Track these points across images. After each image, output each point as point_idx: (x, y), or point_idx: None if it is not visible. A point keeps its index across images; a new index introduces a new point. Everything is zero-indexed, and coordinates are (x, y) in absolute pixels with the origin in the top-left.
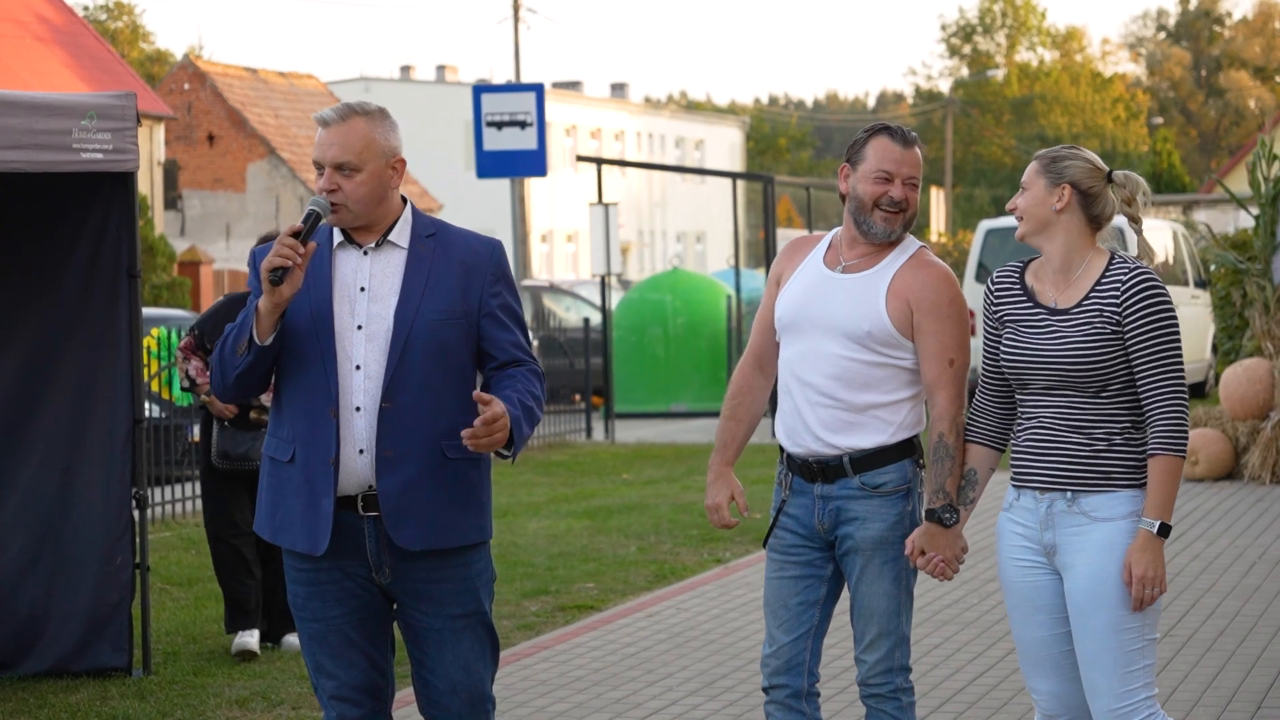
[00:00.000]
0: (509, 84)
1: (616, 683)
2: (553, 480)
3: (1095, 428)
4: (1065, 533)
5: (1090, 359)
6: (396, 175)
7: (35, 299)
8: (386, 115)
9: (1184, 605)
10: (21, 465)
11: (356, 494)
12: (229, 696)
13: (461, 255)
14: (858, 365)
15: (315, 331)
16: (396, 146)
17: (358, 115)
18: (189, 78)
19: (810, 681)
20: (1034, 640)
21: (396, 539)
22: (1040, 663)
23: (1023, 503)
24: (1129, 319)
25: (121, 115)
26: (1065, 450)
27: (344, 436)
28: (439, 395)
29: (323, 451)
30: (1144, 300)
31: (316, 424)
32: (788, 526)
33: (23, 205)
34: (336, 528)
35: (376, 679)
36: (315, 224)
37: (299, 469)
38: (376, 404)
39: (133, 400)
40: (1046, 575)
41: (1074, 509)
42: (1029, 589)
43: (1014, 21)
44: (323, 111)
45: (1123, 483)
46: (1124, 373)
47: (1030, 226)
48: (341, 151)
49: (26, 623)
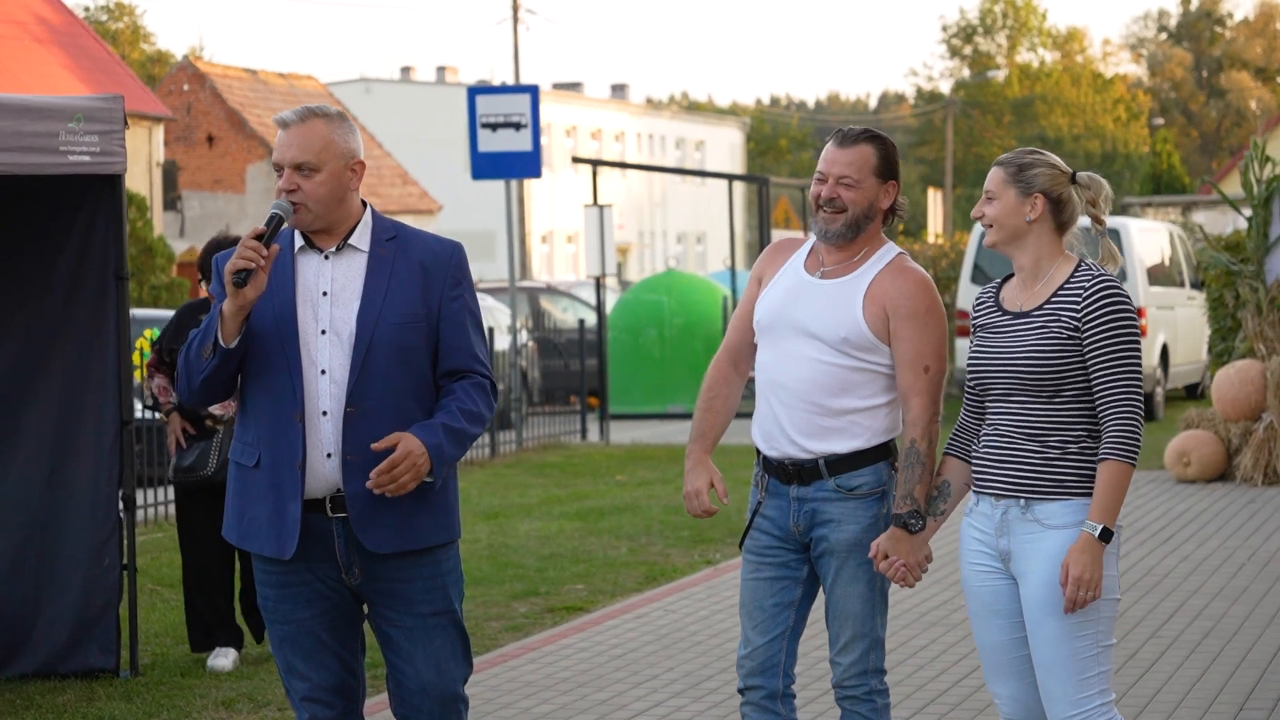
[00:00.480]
0: (503, 85)
1: (602, 684)
2: (546, 481)
3: (1049, 435)
4: (1019, 539)
5: (1043, 361)
6: (356, 177)
7: (23, 301)
8: (345, 118)
9: (1171, 606)
10: (8, 466)
11: (324, 496)
12: (215, 698)
13: (421, 257)
14: (834, 370)
15: (279, 336)
16: (355, 149)
17: (317, 117)
18: (188, 79)
19: (786, 683)
20: (993, 645)
21: (365, 542)
22: (1000, 667)
23: (981, 508)
24: (1088, 325)
25: (109, 118)
26: (1020, 457)
27: (310, 441)
28: (402, 399)
29: (289, 456)
30: (1104, 307)
31: (282, 428)
32: (763, 528)
33: (11, 207)
34: (305, 530)
35: (348, 680)
36: (278, 227)
37: (265, 474)
38: (342, 408)
39: (120, 402)
40: (1003, 580)
41: (1027, 516)
42: (987, 594)
43: (1015, 22)
44: (282, 114)
45: (1076, 491)
46: (1079, 379)
47: (1002, 236)
48: (300, 152)
49: (13, 624)
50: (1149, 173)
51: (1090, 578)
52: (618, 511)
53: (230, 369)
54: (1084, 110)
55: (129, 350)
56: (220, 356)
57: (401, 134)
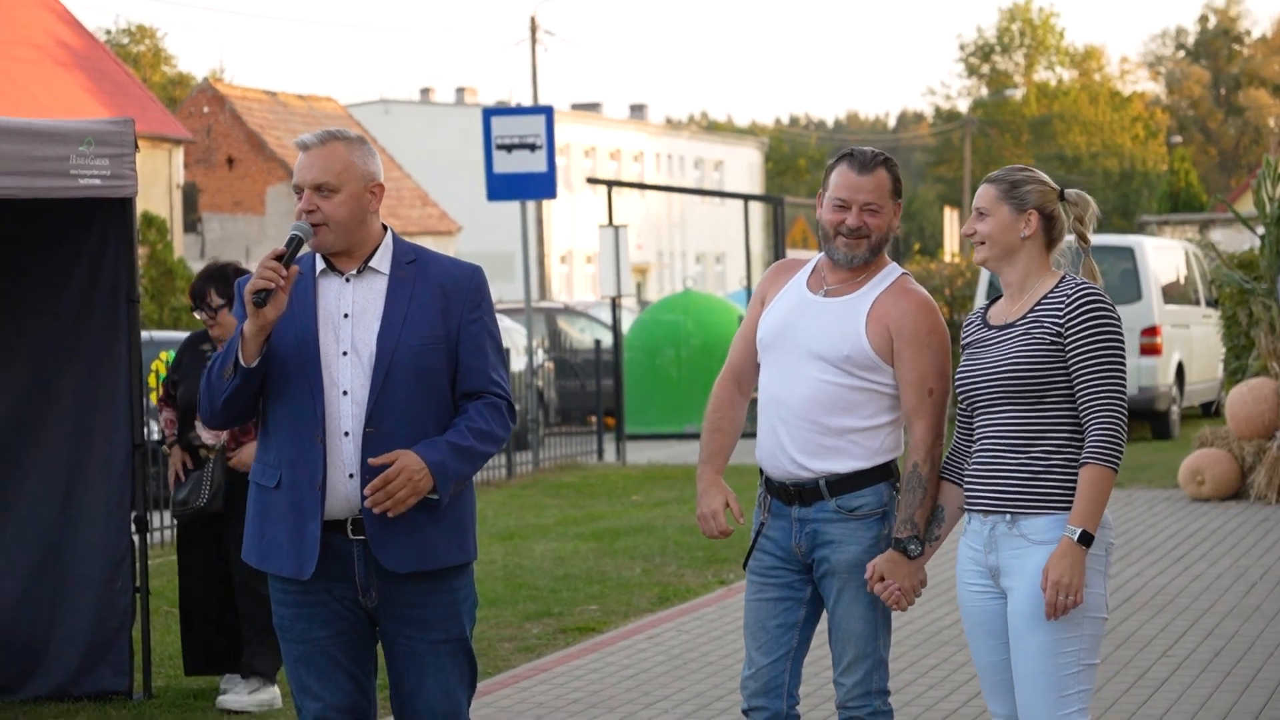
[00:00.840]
0: (518, 107)
1: (613, 704)
2: (562, 502)
3: (1033, 444)
4: (1007, 555)
5: (1025, 367)
6: (375, 199)
7: (34, 324)
8: (365, 142)
9: (1183, 625)
10: (22, 488)
11: (345, 518)
12: (229, 711)
13: (441, 280)
14: (836, 389)
15: (301, 357)
16: (375, 171)
17: (337, 140)
18: (208, 101)
19: (790, 704)
20: (989, 664)
21: (383, 561)
22: (997, 686)
23: (972, 526)
24: (1070, 330)
25: (120, 141)
26: (1006, 472)
27: (331, 461)
28: (421, 420)
29: (310, 476)
30: (1087, 314)
31: (303, 448)
32: (766, 549)
33: (22, 230)
34: (324, 550)
35: (360, 700)
36: (298, 248)
37: (285, 494)
38: (363, 428)
39: (132, 424)
40: (995, 599)
41: (1014, 531)
42: (980, 614)
43: (1032, 41)
44: (302, 136)
45: (1061, 505)
46: (1062, 385)
47: (995, 252)
48: (321, 173)
49: (27, 647)
50: (1167, 191)
51: (1070, 582)
52: (633, 532)
53: (252, 389)
54: (1102, 128)
55: (140, 373)
56: (241, 376)
57: (421, 155)
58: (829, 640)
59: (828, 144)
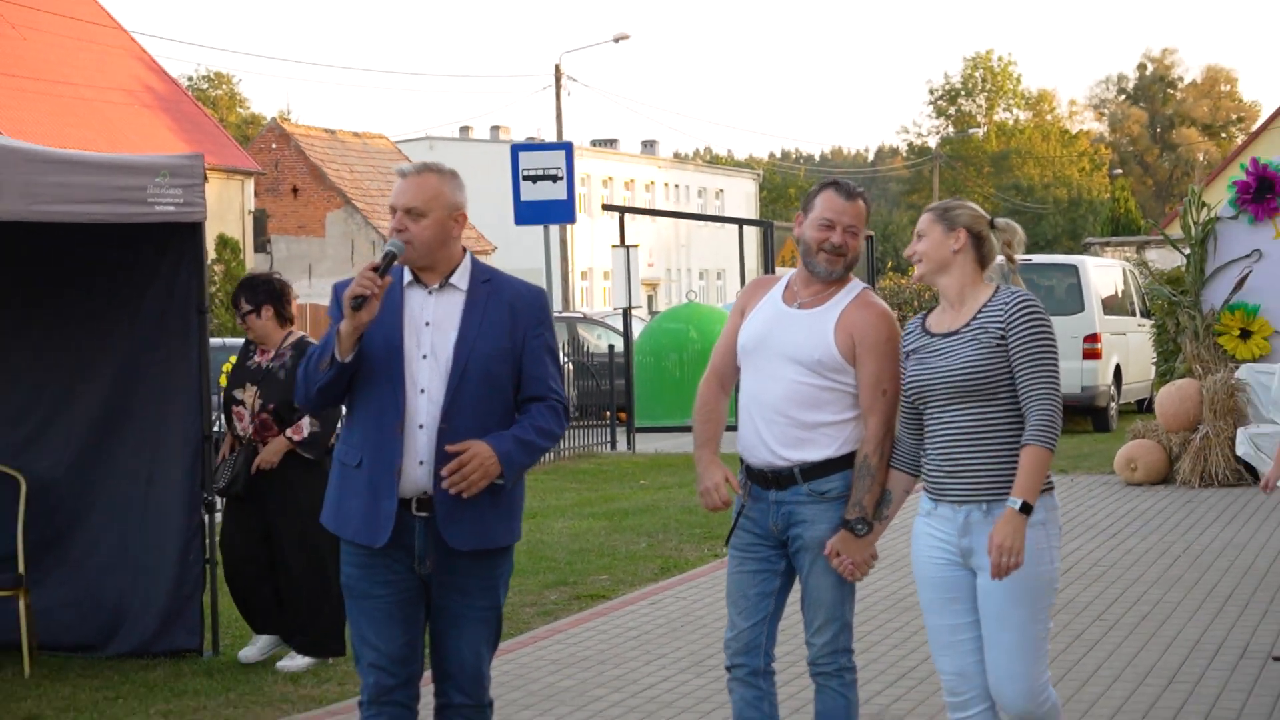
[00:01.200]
0: (543, 143)
1: (618, 661)
2: (580, 486)
3: (991, 439)
4: (981, 538)
5: (976, 369)
6: (458, 226)
7: (119, 331)
8: (457, 176)
9: (1114, 593)
10: (110, 473)
11: (412, 498)
12: (285, 674)
13: (511, 299)
14: (808, 388)
15: (387, 358)
16: (460, 202)
17: (431, 172)
18: (275, 138)
19: (766, 661)
20: (946, 627)
21: (448, 539)
22: (949, 646)
23: (940, 512)
24: (1012, 332)
25: (191, 173)
26: (971, 466)
27: (407, 449)
28: (487, 417)
29: (388, 461)
30: (1025, 317)
31: (384, 437)
32: (746, 528)
33: (108, 252)
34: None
35: (410, 654)
36: (391, 261)
37: (365, 473)
38: (436, 423)
39: (202, 417)
40: (962, 571)
41: (989, 518)
42: (944, 582)
43: (993, 86)
44: (403, 165)
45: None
46: (1008, 384)
47: (930, 267)
48: (413, 198)
49: (113, 611)
50: (1109, 216)
51: (1012, 545)
52: (640, 512)
53: (343, 381)
54: (1053, 162)
55: (208, 373)
56: (336, 370)
57: None
58: (801, 606)
59: (815, 175)
